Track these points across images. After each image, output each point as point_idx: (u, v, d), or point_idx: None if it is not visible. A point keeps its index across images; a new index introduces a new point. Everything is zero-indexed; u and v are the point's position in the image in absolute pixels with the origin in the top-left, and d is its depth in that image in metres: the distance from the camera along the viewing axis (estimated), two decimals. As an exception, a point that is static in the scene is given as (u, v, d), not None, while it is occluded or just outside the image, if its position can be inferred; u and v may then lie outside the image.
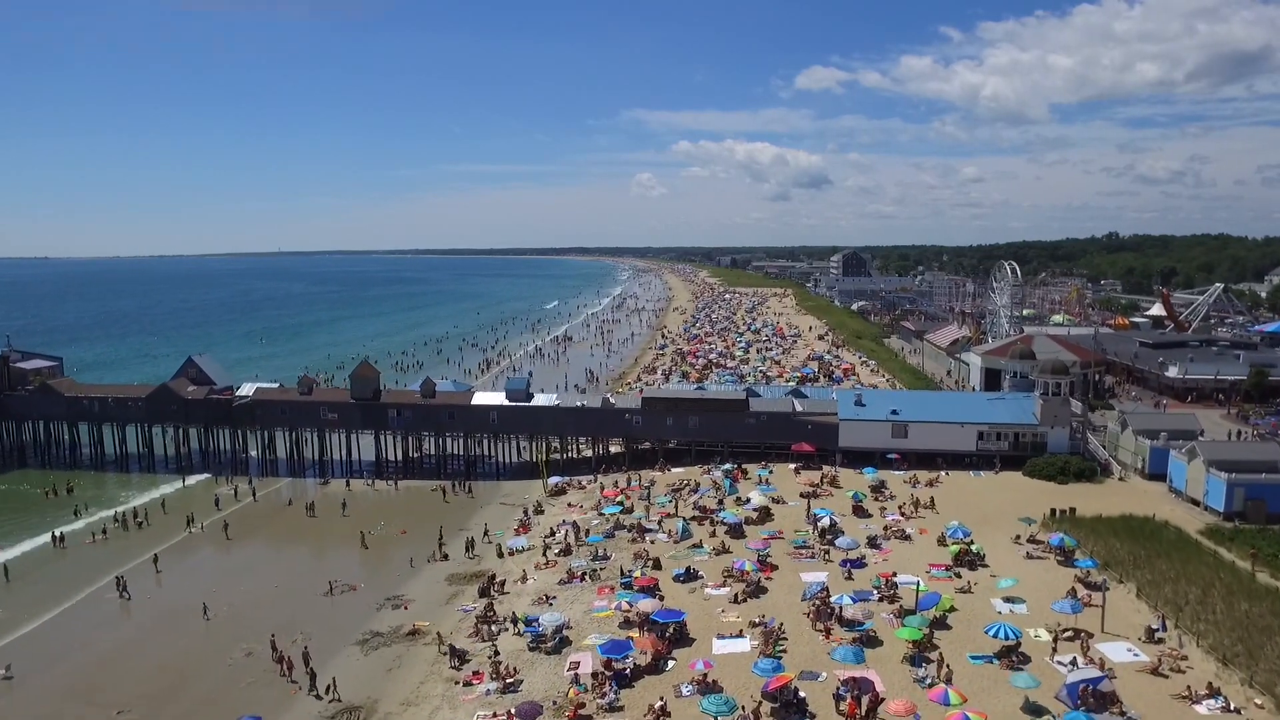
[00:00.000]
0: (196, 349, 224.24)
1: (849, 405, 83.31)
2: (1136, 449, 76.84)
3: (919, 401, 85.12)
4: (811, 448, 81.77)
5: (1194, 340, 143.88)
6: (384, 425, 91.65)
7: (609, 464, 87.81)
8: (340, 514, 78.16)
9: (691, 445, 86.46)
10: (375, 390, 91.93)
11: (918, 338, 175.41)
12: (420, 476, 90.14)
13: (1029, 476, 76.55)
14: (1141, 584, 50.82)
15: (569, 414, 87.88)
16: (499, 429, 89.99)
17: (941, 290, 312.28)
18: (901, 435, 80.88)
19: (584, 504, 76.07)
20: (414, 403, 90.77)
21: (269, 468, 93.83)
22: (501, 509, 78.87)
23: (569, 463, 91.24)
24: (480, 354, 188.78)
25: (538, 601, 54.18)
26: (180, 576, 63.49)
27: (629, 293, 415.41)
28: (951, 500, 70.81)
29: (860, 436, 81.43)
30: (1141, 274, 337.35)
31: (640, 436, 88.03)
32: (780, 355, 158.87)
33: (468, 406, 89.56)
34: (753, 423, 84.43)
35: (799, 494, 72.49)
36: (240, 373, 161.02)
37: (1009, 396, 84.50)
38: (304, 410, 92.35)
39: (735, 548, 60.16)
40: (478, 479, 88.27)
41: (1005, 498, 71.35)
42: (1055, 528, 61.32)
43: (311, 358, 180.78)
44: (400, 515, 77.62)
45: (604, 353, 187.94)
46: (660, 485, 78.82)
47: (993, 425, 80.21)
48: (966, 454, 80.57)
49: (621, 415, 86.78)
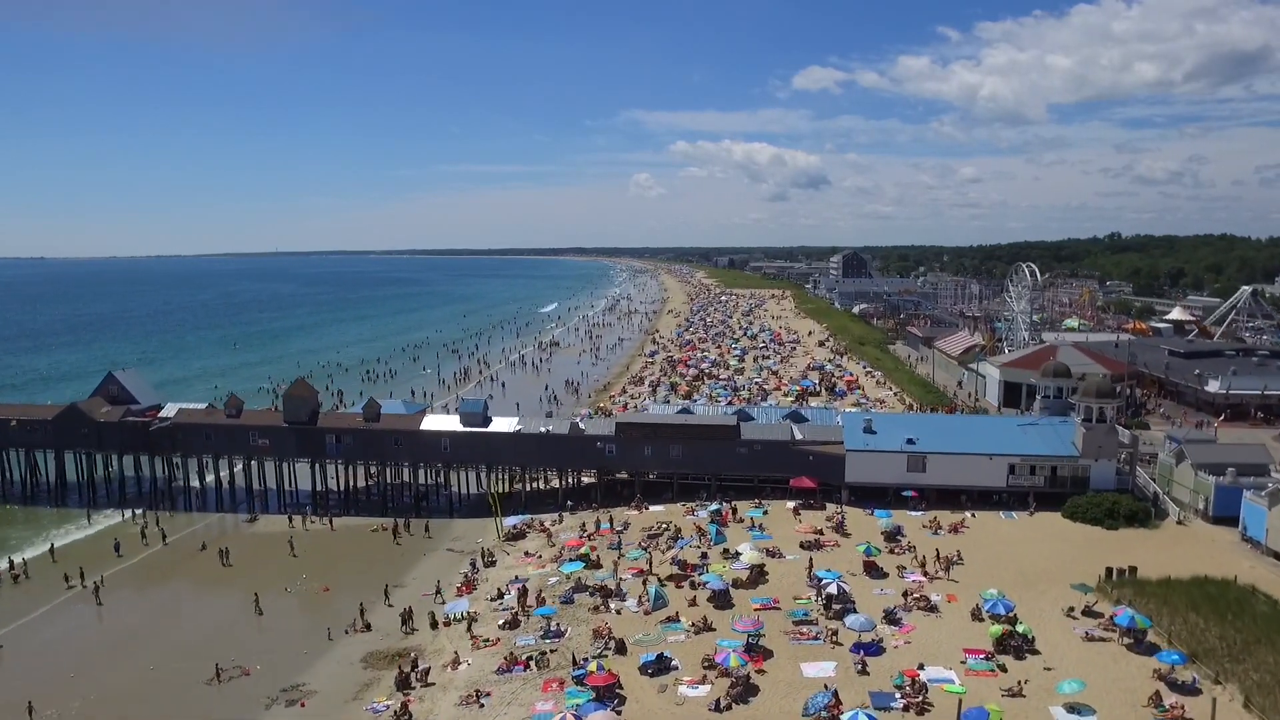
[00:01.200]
0: (165, 356, 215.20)
1: (857, 433, 71.41)
2: (1197, 486, 65.00)
3: (938, 428, 73.17)
4: (813, 483, 69.92)
5: (1229, 349, 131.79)
6: (321, 453, 79.74)
7: (579, 499, 76.04)
8: (260, 561, 66.56)
9: (674, 478, 74.64)
10: (312, 412, 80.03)
11: (925, 345, 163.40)
12: (363, 512, 78.32)
13: (1070, 519, 64.72)
14: (1248, 687, 38.91)
15: (532, 442, 75.93)
16: (452, 458, 78.08)
17: (946, 292, 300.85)
18: (919, 469, 69.02)
19: (544, 553, 64.22)
20: (355, 427, 78.87)
21: (192, 501, 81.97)
22: (448, 557, 67.02)
23: (533, 496, 79.42)
24: (462, 362, 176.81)
25: (466, 700, 42.39)
26: (27, 660, 51.17)
27: (623, 294, 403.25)
28: (981, 551, 58.99)
29: (870, 470, 69.59)
30: (1148, 275, 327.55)
31: (614, 468, 76.22)
32: (778, 364, 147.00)
33: (416, 432, 77.65)
34: (744, 453, 72.54)
35: (799, 544, 60.62)
36: (201, 386, 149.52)
37: (1043, 422, 72.62)
38: (231, 435, 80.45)
39: (720, 622, 48.31)
40: (428, 515, 76.49)
41: (1046, 549, 59.50)
42: (1117, 595, 49.52)
43: (282, 367, 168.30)
44: (330, 563, 65.98)
45: (591, 360, 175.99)
46: (635, 529, 66.99)
47: (1026, 457, 68.32)
48: (995, 491, 68.79)
49: (593, 444, 74.83)
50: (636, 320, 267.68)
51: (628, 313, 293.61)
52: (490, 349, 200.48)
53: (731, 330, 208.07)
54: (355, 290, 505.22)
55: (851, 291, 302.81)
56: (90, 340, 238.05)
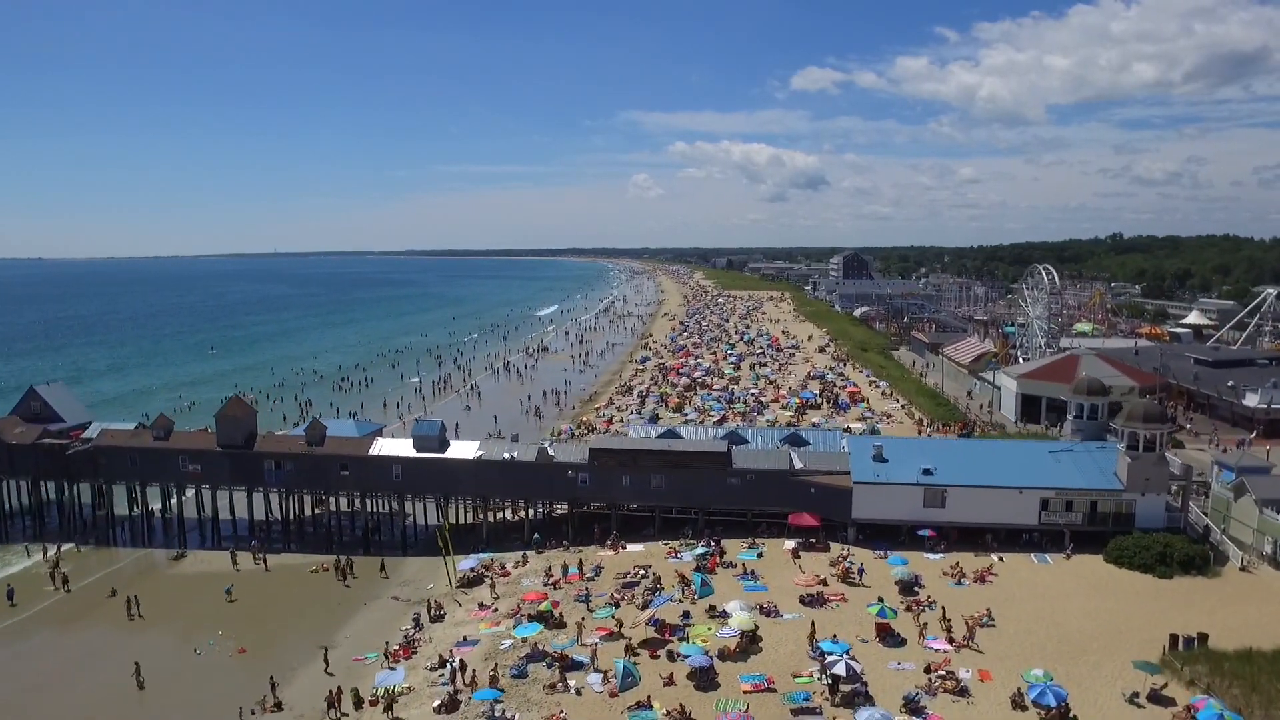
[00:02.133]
0: (135, 363, 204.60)
1: (865, 461, 62.14)
2: (1263, 526, 55.83)
3: (959, 455, 63.78)
4: (815, 520, 60.73)
5: (1260, 358, 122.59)
6: (259, 480, 70.52)
7: (550, 533, 66.88)
8: (176, 611, 57.52)
9: (656, 511, 65.46)
10: (249, 435, 70.83)
11: (932, 351, 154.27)
12: (308, 548, 69.19)
13: (1115, 564, 55.56)
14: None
15: (494, 470, 66.60)
16: (404, 487, 68.86)
17: (950, 294, 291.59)
18: (937, 504, 59.82)
19: (501, 604, 54.99)
20: (296, 452, 69.64)
21: (116, 535, 72.80)
22: (392, 607, 57.79)
23: (499, 529, 70.28)
24: (443, 369, 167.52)
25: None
26: None
27: (618, 296, 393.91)
28: (1014, 608, 49.85)
29: (881, 505, 60.38)
30: (1154, 276, 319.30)
31: (588, 500, 67.02)
32: (776, 373, 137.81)
33: (364, 458, 68.39)
34: (736, 484, 63.32)
35: (798, 598, 51.45)
36: (164, 397, 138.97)
37: (1078, 448, 63.37)
38: (158, 460, 71.24)
39: (701, 709, 39.20)
40: (377, 553, 67.35)
41: (1090, 604, 50.34)
42: (1190, 674, 40.39)
43: (255, 376, 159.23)
44: (257, 612, 57.04)
45: (579, 367, 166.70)
46: (609, 574, 57.78)
47: (1061, 491, 59.08)
48: (1026, 529, 59.61)
49: (563, 472, 65.55)
50: (630, 324, 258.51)
51: (621, 315, 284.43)
52: (475, 355, 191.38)
53: (728, 335, 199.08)
54: (347, 292, 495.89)
55: (852, 294, 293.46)
56: (61, 345, 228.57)
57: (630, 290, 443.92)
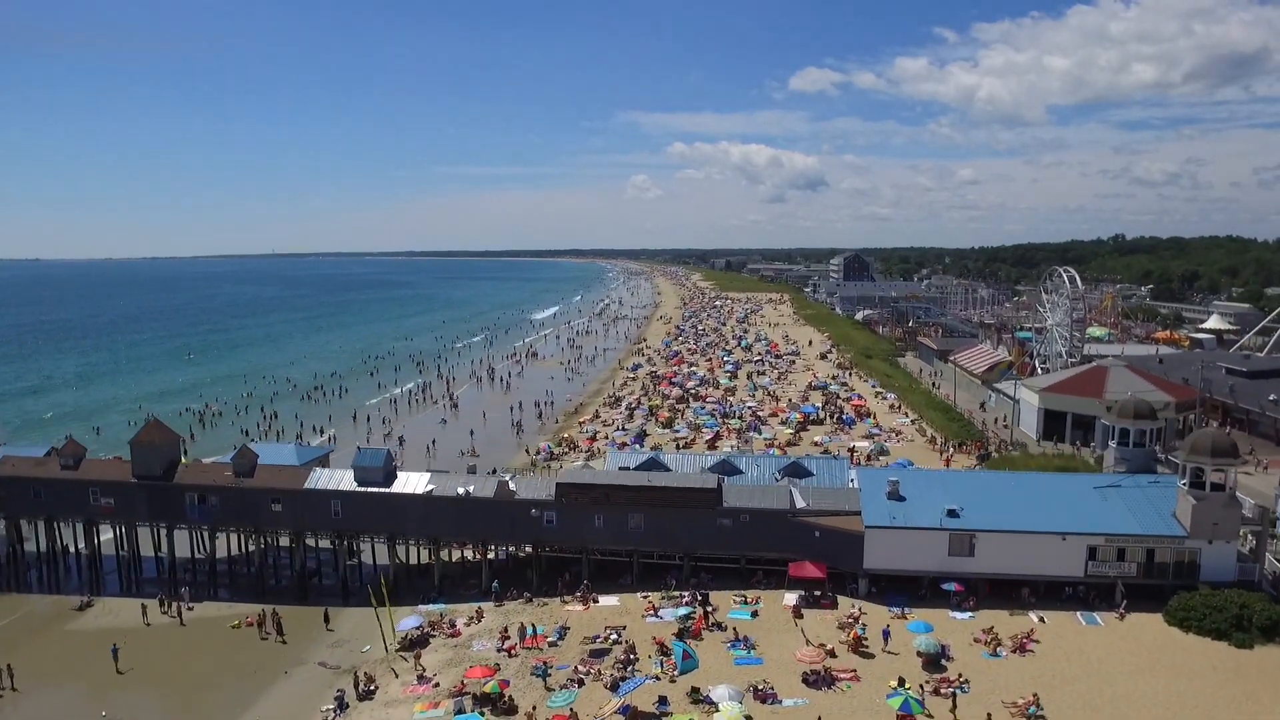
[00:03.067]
0: (102, 372, 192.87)
1: (879, 499, 52.91)
2: (1356, 582, 46.72)
3: (987, 491, 54.44)
4: (820, 570, 51.52)
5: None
6: (180, 516, 61.32)
7: (512, 579, 57.66)
8: (58, 681, 48.46)
9: (634, 556, 56.26)
10: (169, 464, 61.64)
11: (941, 358, 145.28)
12: (237, 595, 60.08)
13: (1180, 627, 46.37)
14: None
15: (447, 508, 57.29)
16: (344, 526, 59.61)
17: (955, 297, 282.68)
18: (965, 552, 50.61)
19: (443, 677, 45.76)
20: (222, 484, 60.40)
21: (18, 579, 63.58)
22: (316, 676, 48.58)
23: (455, 573, 61.09)
24: (423, 377, 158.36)
25: None
26: None
27: (614, 298, 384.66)
28: (1064, 688, 40.68)
29: (899, 554, 51.18)
30: (1160, 278, 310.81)
31: (555, 542, 57.79)
32: (775, 382, 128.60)
33: (299, 492, 59.12)
34: (728, 525, 54.10)
35: (800, 675, 42.27)
36: (117, 412, 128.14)
37: (1128, 482, 54.12)
38: (66, 492, 61.95)
39: None
40: (317, 601, 58.25)
41: (1156, 683, 41.14)
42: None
43: (226, 387, 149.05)
44: (159, 683, 48.27)
45: (567, 374, 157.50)
46: (575, 637, 48.56)
47: (1112, 537, 49.89)
48: (1070, 582, 50.45)
49: (526, 511, 56.32)
50: (623, 327, 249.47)
51: (614, 319, 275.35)
52: (461, 361, 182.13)
53: (724, 340, 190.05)
54: (339, 294, 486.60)
55: (854, 296, 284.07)
56: (32, 353, 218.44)
57: (627, 292, 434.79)
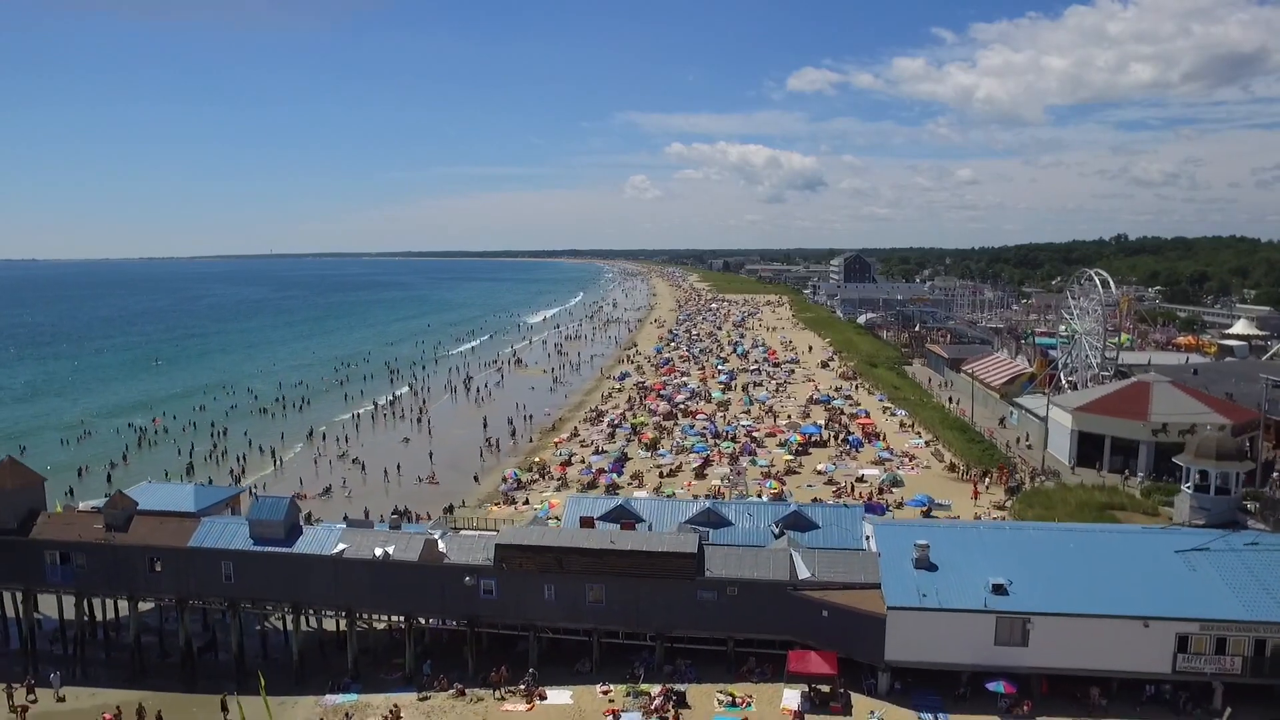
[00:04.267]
0: (57, 383, 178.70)
1: (903, 568, 41.43)
2: None
3: (1041, 554, 42.81)
4: (829, 662, 40.07)
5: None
6: (39, 580, 49.90)
7: (444, 662, 46.24)
8: None
9: (594, 635, 44.83)
10: (27, 513, 50.21)
11: (952, 367, 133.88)
12: (109, 678, 48.74)
13: (1305, 749, 35.19)
14: None
15: (361, 573, 45.87)
16: (237, 593, 48.13)
17: (962, 299, 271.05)
18: (1016, 640, 39.13)
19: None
20: (90, 540, 48.96)
21: None
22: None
23: (379, 645, 49.70)
24: (395, 387, 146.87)
25: None
26: None
27: (607, 300, 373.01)
28: None
29: (931, 641, 39.71)
30: (1168, 279, 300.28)
31: (495, 617, 46.28)
32: (772, 395, 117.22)
33: (181, 550, 47.68)
34: (711, 599, 42.68)
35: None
36: (49, 435, 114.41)
37: (1219, 544, 42.66)
38: (-97, 548, 50.61)
39: None
40: (209, 686, 46.94)
41: None
42: None
43: (185, 402, 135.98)
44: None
45: (549, 384, 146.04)
46: (510, 757, 37.30)
47: (1209, 624, 38.53)
48: (1153, 679, 39.07)
49: (458, 578, 44.86)
50: (615, 331, 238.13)
51: (606, 322, 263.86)
52: (439, 370, 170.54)
53: (720, 345, 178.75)
54: (328, 295, 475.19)
55: (855, 298, 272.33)
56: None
57: (621, 294, 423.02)
